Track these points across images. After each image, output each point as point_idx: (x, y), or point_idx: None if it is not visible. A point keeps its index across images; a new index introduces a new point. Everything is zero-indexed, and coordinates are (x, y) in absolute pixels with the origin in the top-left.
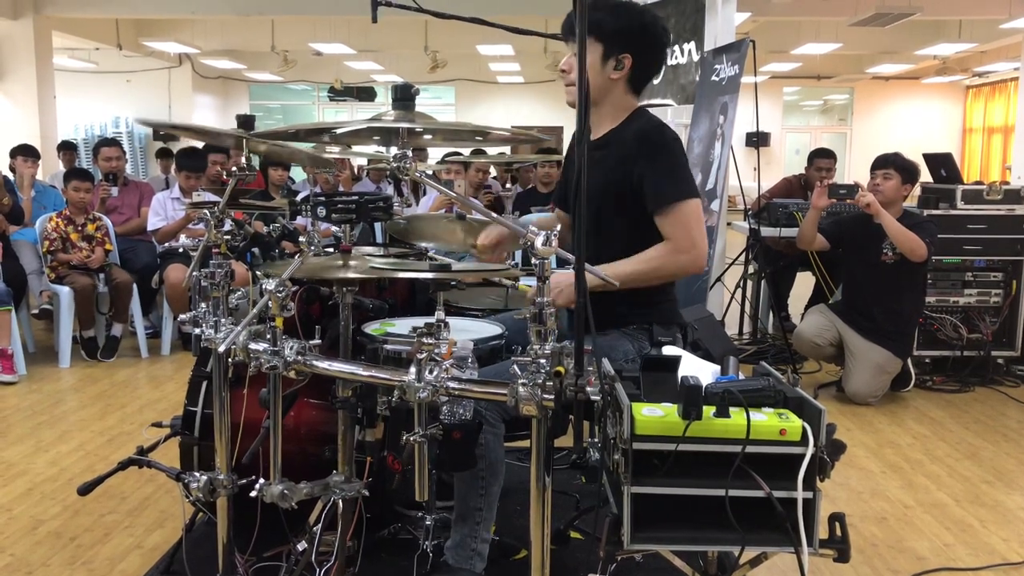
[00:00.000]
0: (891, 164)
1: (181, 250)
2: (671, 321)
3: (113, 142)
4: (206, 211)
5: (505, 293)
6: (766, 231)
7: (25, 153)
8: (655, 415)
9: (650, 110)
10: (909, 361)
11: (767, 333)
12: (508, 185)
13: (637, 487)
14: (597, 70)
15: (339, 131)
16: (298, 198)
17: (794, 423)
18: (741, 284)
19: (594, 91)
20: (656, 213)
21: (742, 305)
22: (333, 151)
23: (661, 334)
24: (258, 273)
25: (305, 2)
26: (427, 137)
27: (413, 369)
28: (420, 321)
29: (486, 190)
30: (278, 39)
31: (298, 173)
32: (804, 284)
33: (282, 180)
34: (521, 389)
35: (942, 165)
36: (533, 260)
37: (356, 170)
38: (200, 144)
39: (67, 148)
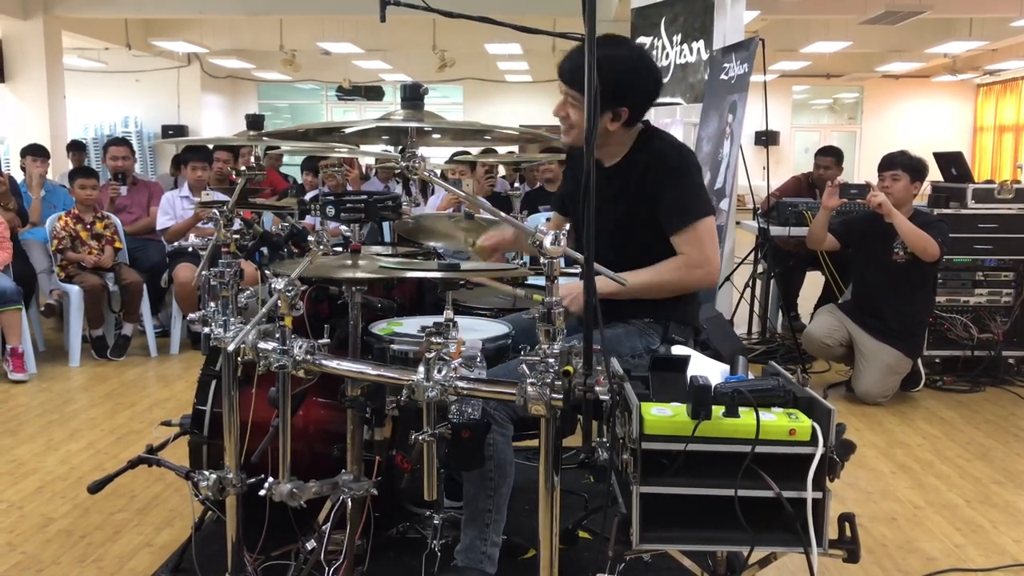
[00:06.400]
0: (898, 164)
1: (190, 249)
2: (687, 322)
3: (122, 141)
4: (215, 210)
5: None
6: (775, 230)
7: (35, 153)
8: (664, 415)
9: (657, 108)
10: (919, 361)
11: (776, 333)
12: (516, 184)
13: (646, 487)
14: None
15: (348, 130)
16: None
17: (804, 423)
18: (750, 283)
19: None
20: (672, 233)
21: (751, 305)
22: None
23: (676, 331)
24: (267, 272)
25: (313, 1)
26: (436, 136)
27: (422, 368)
28: (428, 320)
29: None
30: (286, 38)
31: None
32: (813, 284)
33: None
34: (530, 388)
35: (952, 164)
36: (542, 260)
37: (364, 169)
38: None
39: (77, 148)
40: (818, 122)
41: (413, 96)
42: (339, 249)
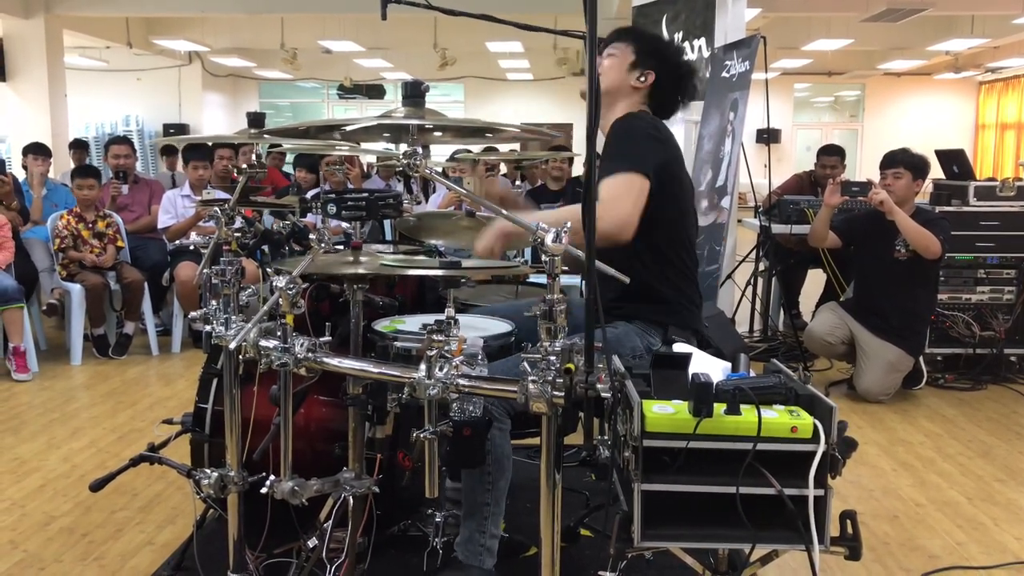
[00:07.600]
0: (900, 162)
1: (192, 247)
2: (688, 325)
3: (123, 140)
4: (216, 208)
5: (515, 290)
6: (777, 228)
7: (36, 152)
8: (666, 412)
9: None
10: (921, 359)
11: (778, 330)
12: (518, 182)
13: (647, 484)
14: (623, 70)
15: (349, 128)
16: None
17: (805, 420)
18: (752, 281)
19: (613, 85)
20: (598, 179)
21: (752, 302)
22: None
23: (676, 334)
24: (268, 270)
25: (314, 0)
26: (437, 134)
27: (423, 366)
28: (430, 318)
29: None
30: (287, 37)
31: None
32: (814, 281)
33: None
34: (531, 386)
35: (954, 161)
36: (543, 257)
37: (365, 167)
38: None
39: (78, 147)
40: (820, 120)
41: (414, 94)
42: (340, 247)
